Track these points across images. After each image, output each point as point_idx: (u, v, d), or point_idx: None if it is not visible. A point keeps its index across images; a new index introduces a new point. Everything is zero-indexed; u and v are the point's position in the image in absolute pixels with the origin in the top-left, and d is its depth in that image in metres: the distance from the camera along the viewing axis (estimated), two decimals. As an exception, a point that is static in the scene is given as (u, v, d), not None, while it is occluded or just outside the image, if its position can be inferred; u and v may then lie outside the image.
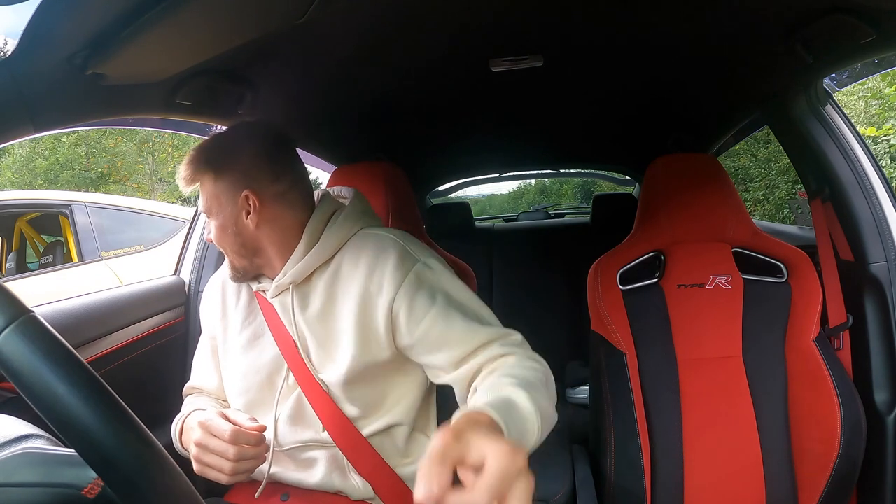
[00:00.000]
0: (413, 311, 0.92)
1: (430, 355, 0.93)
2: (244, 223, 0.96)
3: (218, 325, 1.09)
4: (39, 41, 0.67)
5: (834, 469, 1.18)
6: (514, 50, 1.21)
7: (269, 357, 1.01)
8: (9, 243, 3.92)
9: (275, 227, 0.98)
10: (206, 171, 0.97)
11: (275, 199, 0.97)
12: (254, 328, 1.04)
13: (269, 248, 0.99)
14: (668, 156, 1.42)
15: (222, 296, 1.10)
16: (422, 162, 2.35)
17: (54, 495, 0.50)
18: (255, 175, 0.96)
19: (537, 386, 0.82)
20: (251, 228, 0.96)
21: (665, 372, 1.31)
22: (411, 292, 0.92)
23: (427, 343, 0.93)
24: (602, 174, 3.45)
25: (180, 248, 1.67)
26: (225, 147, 0.98)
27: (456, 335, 0.91)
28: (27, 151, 11.07)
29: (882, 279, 1.24)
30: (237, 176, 0.96)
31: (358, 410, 0.97)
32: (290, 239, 0.99)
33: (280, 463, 1.01)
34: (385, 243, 0.96)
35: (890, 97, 5.16)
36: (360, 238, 1.00)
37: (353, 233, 1.00)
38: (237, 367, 1.04)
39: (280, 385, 0.99)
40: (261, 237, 0.98)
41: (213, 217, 0.99)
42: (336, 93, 1.40)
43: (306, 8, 0.85)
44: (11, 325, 0.47)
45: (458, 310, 0.92)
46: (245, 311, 1.06)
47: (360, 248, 0.97)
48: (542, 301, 2.48)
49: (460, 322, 0.91)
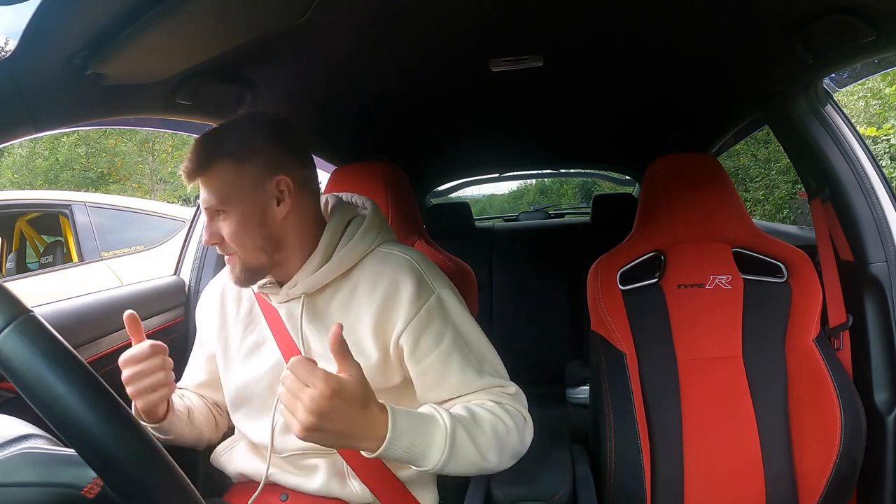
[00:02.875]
0: (417, 349, 0.93)
1: (424, 392, 0.95)
2: (273, 212, 0.91)
3: (216, 337, 1.07)
4: (39, 41, 0.67)
5: (834, 469, 1.18)
6: (514, 50, 1.21)
7: (270, 364, 1.00)
8: (9, 243, 3.92)
9: (301, 216, 0.94)
10: (224, 158, 0.89)
11: (303, 185, 0.94)
12: (255, 337, 1.03)
13: (291, 241, 0.94)
14: (668, 156, 1.42)
15: (221, 306, 1.07)
16: (422, 162, 2.34)
17: (54, 495, 0.50)
18: (285, 160, 0.92)
19: (487, 428, 0.86)
20: (279, 219, 0.92)
21: (665, 372, 1.31)
22: (420, 328, 0.92)
23: (423, 382, 0.94)
24: (602, 174, 3.44)
25: (180, 248, 1.66)
26: (243, 133, 0.93)
27: (451, 382, 0.93)
28: (27, 151, 11.06)
29: (882, 279, 1.24)
30: (265, 160, 0.90)
31: None
32: (310, 235, 0.96)
33: (279, 468, 1.01)
34: (404, 268, 0.95)
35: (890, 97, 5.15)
36: (379, 257, 0.98)
37: (372, 249, 0.99)
38: (238, 376, 1.03)
39: (279, 393, 0.99)
40: (287, 228, 0.93)
41: (230, 209, 0.90)
42: (336, 93, 1.40)
43: (306, 8, 0.85)
44: (11, 324, 0.47)
45: (460, 353, 0.93)
46: (246, 320, 1.05)
47: (379, 270, 0.96)
48: (542, 301, 2.48)
49: (458, 370, 0.92)
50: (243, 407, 1.03)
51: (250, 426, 1.02)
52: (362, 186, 1.34)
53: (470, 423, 0.86)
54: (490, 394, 0.93)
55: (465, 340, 0.95)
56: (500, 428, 0.89)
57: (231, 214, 0.90)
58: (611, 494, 1.25)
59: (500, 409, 0.91)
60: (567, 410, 2.10)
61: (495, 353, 0.98)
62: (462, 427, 0.84)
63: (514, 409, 0.93)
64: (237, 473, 1.05)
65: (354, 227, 0.98)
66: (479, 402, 0.92)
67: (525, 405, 0.96)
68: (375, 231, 1.00)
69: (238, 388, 1.03)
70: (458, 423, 0.84)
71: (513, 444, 0.91)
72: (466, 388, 0.92)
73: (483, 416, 0.88)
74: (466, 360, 0.93)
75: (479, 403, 0.91)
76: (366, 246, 0.98)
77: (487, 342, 0.98)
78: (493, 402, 0.92)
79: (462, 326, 0.96)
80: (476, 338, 0.97)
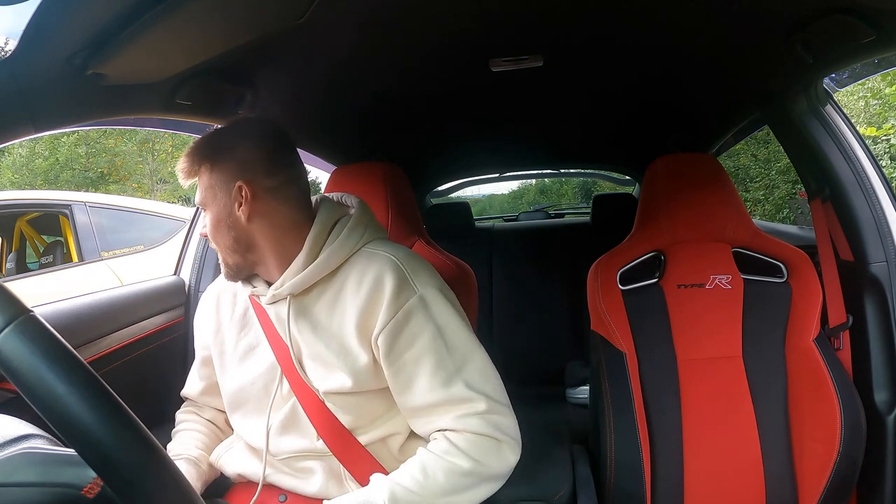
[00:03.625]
0: (392, 350, 0.93)
1: (397, 395, 0.95)
2: (237, 215, 0.95)
3: (212, 341, 1.08)
4: (39, 41, 0.67)
5: (834, 469, 1.18)
6: (514, 50, 1.21)
7: (264, 367, 1.00)
8: (9, 243, 3.92)
9: (267, 222, 0.96)
10: (202, 162, 0.96)
11: (267, 193, 0.95)
12: (249, 339, 1.04)
13: (262, 244, 0.97)
14: (668, 156, 1.42)
15: (216, 310, 1.09)
16: (422, 162, 2.35)
17: (54, 495, 0.50)
18: (250, 167, 0.95)
19: (441, 479, 0.88)
20: (243, 221, 0.95)
21: (665, 372, 1.31)
22: (397, 329, 0.92)
23: (394, 384, 0.95)
24: (602, 174, 3.44)
25: (180, 248, 1.67)
26: (222, 139, 0.98)
27: (419, 387, 0.92)
28: (27, 151, 11.06)
29: (882, 279, 1.24)
30: (232, 167, 0.95)
31: (355, 420, 0.97)
32: (285, 239, 0.97)
33: (276, 469, 1.01)
34: (387, 267, 0.95)
35: (890, 97, 5.15)
36: (365, 256, 0.98)
37: (358, 248, 0.99)
38: (234, 379, 1.04)
39: (273, 393, 0.99)
40: (253, 231, 0.96)
41: (208, 210, 0.98)
42: (336, 93, 1.40)
43: (306, 8, 0.85)
44: (11, 324, 0.47)
45: (434, 357, 0.92)
46: (240, 322, 1.05)
47: (364, 270, 0.96)
48: (542, 301, 2.48)
49: (427, 375, 0.92)
50: (240, 409, 1.04)
51: (246, 428, 1.03)
52: (362, 186, 1.34)
53: (415, 487, 0.88)
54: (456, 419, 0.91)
55: (446, 343, 0.93)
56: (457, 471, 0.89)
57: (208, 214, 0.98)
58: (611, 494, 1.25)
59: (455, 452, 0.90)
60: (567, 410, 2.10)
61: (483, 357, 0.96)
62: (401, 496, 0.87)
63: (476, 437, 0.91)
64: (236, 474, 1.05)
65: (341, 227, 0.99)
66: (431, 448, 0.92)
67: (499, 423, 0.92)
68: (362, 229, 1.00)
69: (234, 390, 1.03)
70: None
71: (484, 474, 0.90)
72: (431, 396, 0.91)
73: (433, 469, 0.89)
74: (439, 366, 0.92)
75: (430, 452, 0.92)
76: (351, 245, 0.98)
77: (476, 346, 0.96)
78: (449, 442, 0.91)
79: (445, 328, 0.94)
80: (461, 342, 0.95)
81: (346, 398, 0.96)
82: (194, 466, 1.04)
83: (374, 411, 0.98)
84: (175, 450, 1.06)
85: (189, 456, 1.05)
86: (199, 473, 1.04)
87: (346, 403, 0.96)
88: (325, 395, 0.96)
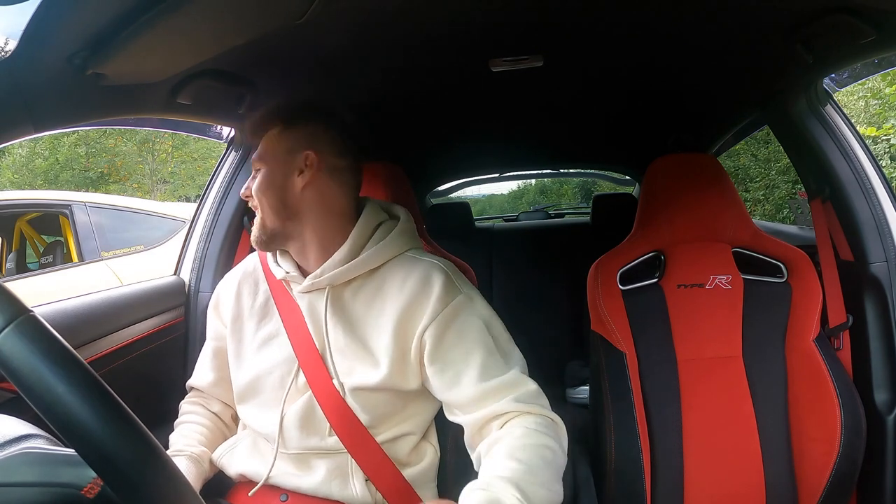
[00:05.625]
0: (441, 343, 0.94)
1: (445, 392, 0.95)
2: (293, 181, 0.97)
3: (230, 329, 1.08)
4: (39, 41, 0.67)
5: (834, 469, 1.18)
6: (514, 50, 1.21)
7: (282, 357, 1.01)
8: (9, 243, 3.92)
9: (319, 198, 0.99)
10: (276, 121, 0.99)
11: (331, 171, 0.99)
12: (269, 329, 1.04)
13: (307, 217, 0.99)
14: (668, 156, 1.42)
15: (237, 297, 1.09)
16: (422, 162, 2.35)
17: (54, 495, 0.50)
18: (323, 142, 0.99)
19: (539, 471, 0.83)
20: (297, 188, 0.97)
21: (665, 372, 1.31)
22: (445, 323, 0.94)
23: (441, 380, 0.94)
24: (602, 174, 3.45)
25: (180, 248, 1.66)
26: (305, 107, 1.01)
27: (470, 377, 0.92)
28: (27, 151, 11.06)
29: (882, 279, 1.24)
30: (305, 134, 0.98)
31: (371, 419, 0.97)
32: (329, 221, 1.00)
33: (280, 467, 1.01)
34: (433, 271, 0.98)
35: (890, 97, 5.15)
36: (408, 260, 1.01)
37: (400, 253, 1.02)
38: (250, 368, 1.04)
39: (289, 385, 0.99)
40: (303, 202, 0.98)
41: (263, 167, 0.99)
42: (336, 93, 1.40)
43: (306, 8, 0.85)
44: (11, 324, 0.47)
45: (484, 349, 0.93)
46: (261, 311, 1.06)
47: (408, 271, 0.98)
48: (542, 301, 2.48)
49: (478, 365, 0.92)
50: (253, 399, 1.04)
51: (258, 419, 1.03)
52: (362, 186, 1.34)
53: (526, 474, 0.81)
54: (515, 402, 0.90)
55: (493, 336, 0.97)
56: (548, 455, 0.86)
57: (262, 172, 0.99)
58: (611, 494, 1.25)
59: (537, 435, 0.87)
60: (567, 410, 2.10)
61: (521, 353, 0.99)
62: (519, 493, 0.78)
63: (543, 419, 0.90)
64: (237, 474, 1.05)
65: (385, 231, 1.02)
66: (508, 431, 0.88)
67: (547, 403, 0.94)
68: (408, 237, 1.04)
69: (250, 379, 1.03)
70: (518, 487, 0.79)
71: (560, 462, 0.88)
72: (485, 385, 0.90)
73: (531, 455, 0.84)
74: (490, 355, 0.93)
75: (514, 437, 0.87)
76: (396, 249, 1.01)
77: (512, 344, 0.99)
78: (522, 424, 0.88)
79: (490, 321, 0.98)
80: (504, 335, 0.99)
81: (368, 395, 0.96)
82: (195, 464, 1.04)
83: (393, 410, 0.99)
84: (177, 444, 1.06)
85: (191, 453, 1.05)
86: (199, 471, 1.04)
87: (367, 400, 0.96)
88: (350, 390, 0.96)
